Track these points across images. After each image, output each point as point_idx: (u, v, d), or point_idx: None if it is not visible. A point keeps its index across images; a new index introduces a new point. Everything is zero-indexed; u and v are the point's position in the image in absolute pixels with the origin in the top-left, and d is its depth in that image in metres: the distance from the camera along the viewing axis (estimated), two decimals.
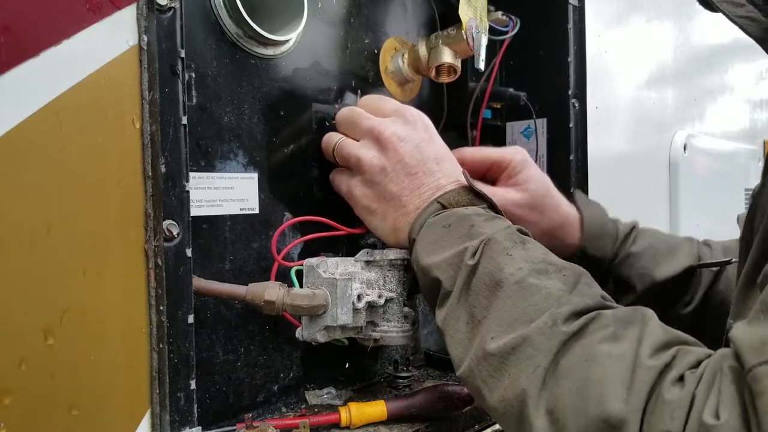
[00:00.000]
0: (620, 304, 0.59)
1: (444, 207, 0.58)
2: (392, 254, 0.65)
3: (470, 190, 0.59)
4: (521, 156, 0.75)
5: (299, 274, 0.65)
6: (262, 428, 0.55)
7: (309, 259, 0.64)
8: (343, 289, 0.60)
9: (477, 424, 0.73)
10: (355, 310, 0.61)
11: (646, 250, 0.75)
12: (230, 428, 0.60)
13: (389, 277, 0.66)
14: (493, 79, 0.87)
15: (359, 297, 0.61)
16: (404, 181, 0.61)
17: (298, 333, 0.63)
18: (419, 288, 0.63)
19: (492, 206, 0.59)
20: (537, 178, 0.75)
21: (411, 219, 0.61)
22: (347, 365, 0.77)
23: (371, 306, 0.63)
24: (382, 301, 0.64)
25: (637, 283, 0.74)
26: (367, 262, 0.66)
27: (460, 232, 0.55)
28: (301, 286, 0.64)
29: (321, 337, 0.61)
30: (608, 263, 0.76)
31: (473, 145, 0.97)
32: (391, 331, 0.65)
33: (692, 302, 0.75)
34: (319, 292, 0.60)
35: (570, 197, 0.79)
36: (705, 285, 0.76)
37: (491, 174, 0.76)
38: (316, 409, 0.68)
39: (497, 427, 0.76)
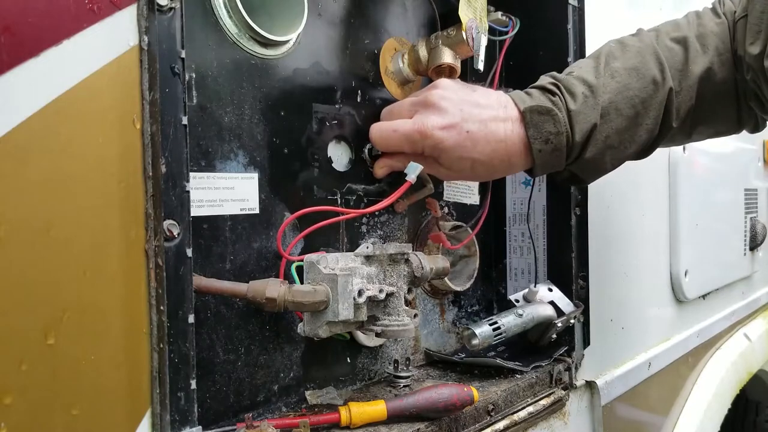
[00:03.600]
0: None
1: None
2: (392, 249, 0.66)
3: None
4: (431, 144, 0.69)
5: (300, 270, 0.65)
6: (263, 428, 0.55)
7: (309, 255, 0.64)
8: (344, 285, 0.60)
9: (477, 424, 0.73)
10: (356, 305, 0.61)
11: (602, 147, 0.70)
12: (230, 428, 0.60)
13: (389, 271, 0.66)
14: (497, 79, 0.87)
15: (360, 292, 0.61)
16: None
17: (300, 328, 0.64)
18: (419, 281, 0.64)
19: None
20: (454, 160, 0.70)
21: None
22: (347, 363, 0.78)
23: (372, 300, 0.63)
24: (382, 295, 0.64)
25: (588, 177, 0.75)
26: (367, 257, 0.66)
27: None
28: (301, 282, 0.64)
29: (323, 333, 0.61)
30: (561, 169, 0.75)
31: None
32: (392, 325, 0.65)
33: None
34: (320, 288, 0.60)
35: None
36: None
37: None
38: (316, 409, 0.68)
39: (497, 426, 0.76)
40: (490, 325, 0.80)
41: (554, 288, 0.89)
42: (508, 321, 0.81)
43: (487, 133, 0.68)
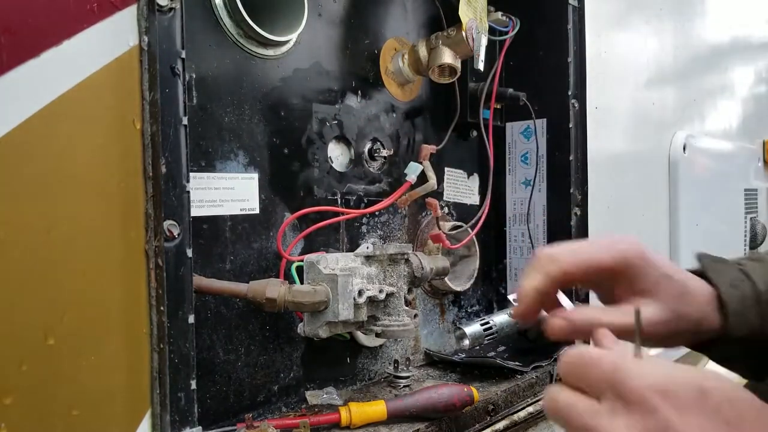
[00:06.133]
0: None
1: None
2: (392, 249, 0.65)
3: None
4: (636, 250, 0.53)
5: (300, 270, 0.65)
6: (263, 428, 0.55)
7: (309, 255, 0.64)
8: (344, 285, 0.60)
9: (477, 424, 0.73)
10: (356, 305, 0.61)
11: None
12: (230, 428, 0.60)
13: (390, 271, 0.66)
14: (497, 79, 0.87)
15: (360, 292, 0.61)
16: None
17: (300, 328, 0.64)
18: (419, 281, 0.62)
19: None
20: (663, 276, 0.54)
21: None
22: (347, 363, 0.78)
23: (372, 301, 0.63)
24: (383, 295, 0.64)
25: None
26: (368, 257, 0.66)
27: None
28: (301, 283, 0.64)
29: (323, 333, 0.61)
30: (756, 336, 0.55)
31: (483, 145, 0.97)
32: (393, 325, 0.65)
33: None
34: (320, 288, 0.60)
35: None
36: None
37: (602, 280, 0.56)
38: (316, 409, 0.68)
39: (497, 426, 0.76)
40: (482, 324, 0.80)
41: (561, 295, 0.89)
42: (500, 320, 0.81)
43: None
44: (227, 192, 0.64)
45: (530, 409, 0.82)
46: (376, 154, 0.80)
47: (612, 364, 0.39)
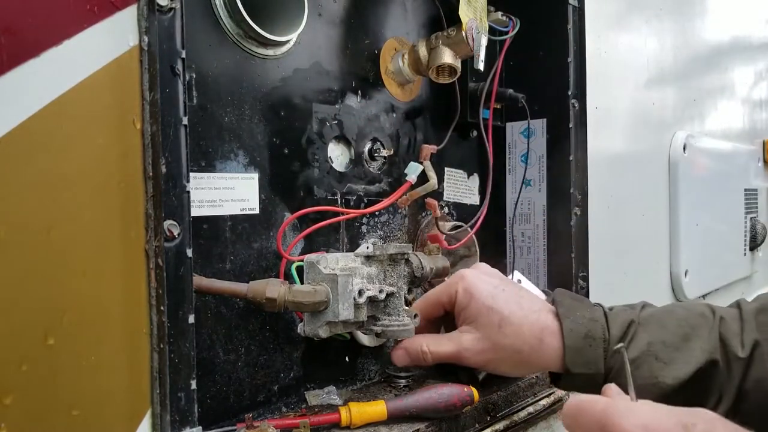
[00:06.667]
0: None
1: None
2: (392, 249, 0.66)
3: None
4: (463, 285, 0.68)
5: (300, 270, 0.65)
6: (263, 428, 0.55)
7: (309, 255, 0.64)
8: (344, 285, 0.60)
9: (477, 424, 0.73)
10: (357, 306, 0.61)
11: (645, 353, 0.60)
12: (230, 428, 0.60)
13: (390, 271, 0.66)
14: (497, 79, 0.87)
15: (360, 292, 0.61)
16: None
17: (300, 328, 0.64)
18: (419, 281, 0.64)
19: None
20: (483, 307, 0.65)
21: None
22: (347, 361, 0.78)
23: (372, 301, 0.63)
24: (383, 296, 0.64)
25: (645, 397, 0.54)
26: (368, 257, 0.66)
27: None
28: (301, 283, 0.64)
29: (323, 333, 0.61)
30: (603, 379, 0.61)
31: (483, 145, 0.97)
32: (393, 325, 0.65)
33: (721, 402, 0.58)
34: (320, 288, 0.60)
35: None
36: (737, 376, 0.58)
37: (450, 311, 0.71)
38: (316, 409, 0.68)
39: (497, 426, 0.76)
40: None
41: (523, 278, 0.89)
42: None
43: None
44: (227, 192, 0.64)
45: (530, 409, 0.82)
46: (376, 154, 0.80)
47: (602, 407, 0.43)
